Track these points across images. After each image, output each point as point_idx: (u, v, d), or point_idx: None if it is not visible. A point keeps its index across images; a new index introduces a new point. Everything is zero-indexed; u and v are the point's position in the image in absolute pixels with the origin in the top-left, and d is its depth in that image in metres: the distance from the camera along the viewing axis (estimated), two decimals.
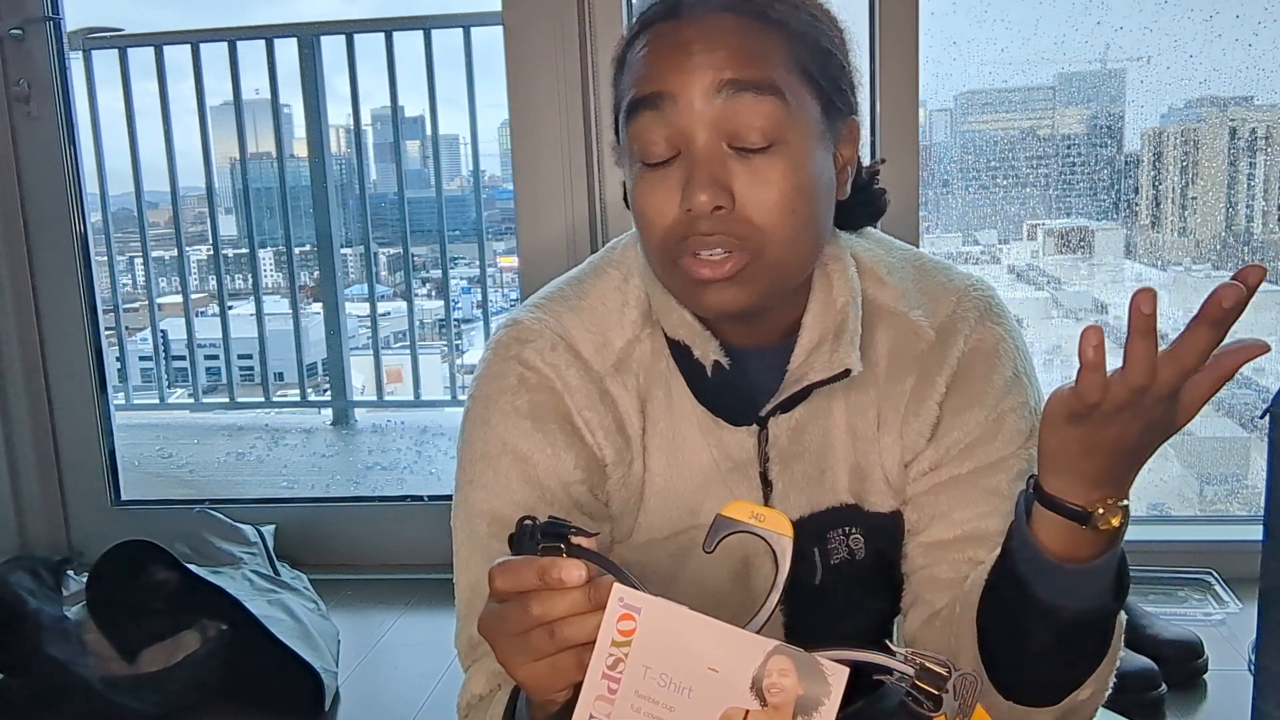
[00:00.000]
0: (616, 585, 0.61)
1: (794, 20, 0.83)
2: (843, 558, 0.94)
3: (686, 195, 0.79)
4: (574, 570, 0.62)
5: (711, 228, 0.79)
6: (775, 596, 0.62)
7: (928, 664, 0.62)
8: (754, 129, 0.79)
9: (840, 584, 0.94)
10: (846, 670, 0.59)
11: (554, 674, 0.64)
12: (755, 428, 0.91)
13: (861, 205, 0.94)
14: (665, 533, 0.92)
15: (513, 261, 3.00)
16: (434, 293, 3.53)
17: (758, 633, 0.61)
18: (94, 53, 2.81)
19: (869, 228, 1.00)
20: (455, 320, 3.36)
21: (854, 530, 0.94)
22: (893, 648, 0.62)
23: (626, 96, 0.83)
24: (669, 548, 0.92)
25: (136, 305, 3.46)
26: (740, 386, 0.91)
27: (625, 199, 0.93)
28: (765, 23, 0.81)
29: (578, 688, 0.62)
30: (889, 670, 0.62)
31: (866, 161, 0.96)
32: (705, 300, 0.83)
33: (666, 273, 0.85)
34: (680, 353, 0.91)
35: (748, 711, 0.59)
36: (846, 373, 0.89)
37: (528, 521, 0.66)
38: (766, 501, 0.92)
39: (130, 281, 3.54)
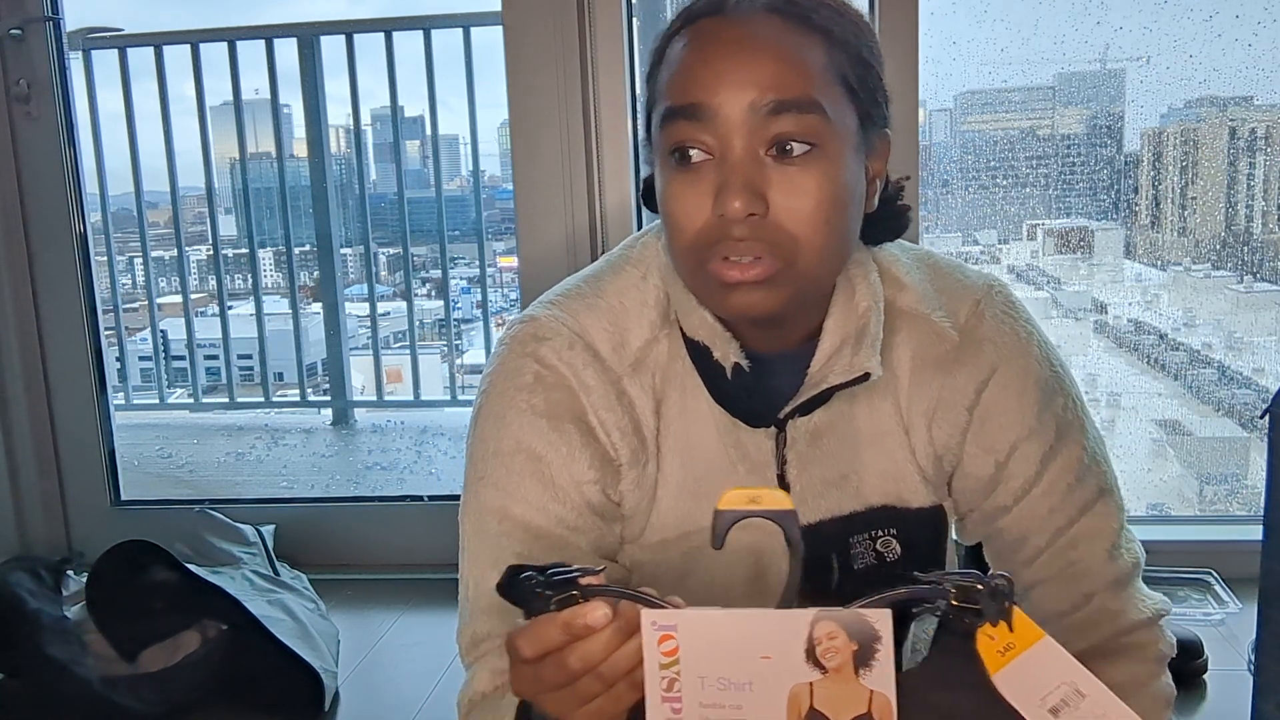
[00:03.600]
0: (645, 611, 0.61)
1: (837, 28, 0.82)
2: (868, 563, 0.94)
3: (720, 200, 0.78)
4: (597, 612, 0.61)
5: (744, 234, 0.78)
6: (797, 569, 0.63)
7: (959, 582, 0.63)
8: (793, 140, 0.78)
9: (862, 589, 0.94)
10: (889, 611, 0.60)
11: (613, 706, 0.64)
12: (773, 430, 0.91)
13: (885, 219, 0.93)
14: (677, 533, 0.92)
15: (512, 261, 3.00)
16: (434, 293, 3.52)
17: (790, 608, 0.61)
18: (94, 53, 2.81)
19: None
20: (455, 320, 3.35)
21: (886, 532, 0.94)
22: (920, 576, 0.63)
23: (663, 100, 0.82)
24: (681, 547, 0.92)
25: (136, 305, 3.45)
26: (759, 389, 0.90)
27: (642, 196, 0.92)
28: (809, 28, 0.80)
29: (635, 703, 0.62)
30: (927, 602, 0.63)
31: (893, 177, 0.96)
32: (731, 302, 0.82)
33: (693, 275, 0.84)
34: (699, 354, 0.91)
35: (812, 683, 0.60)
36: (866, 376, 0.88)
37: (527, 577, 0.64)
38: None
39: (130, 281, 3.53)
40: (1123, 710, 0.62)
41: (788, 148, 0.78)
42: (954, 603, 0.62)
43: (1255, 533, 1.13)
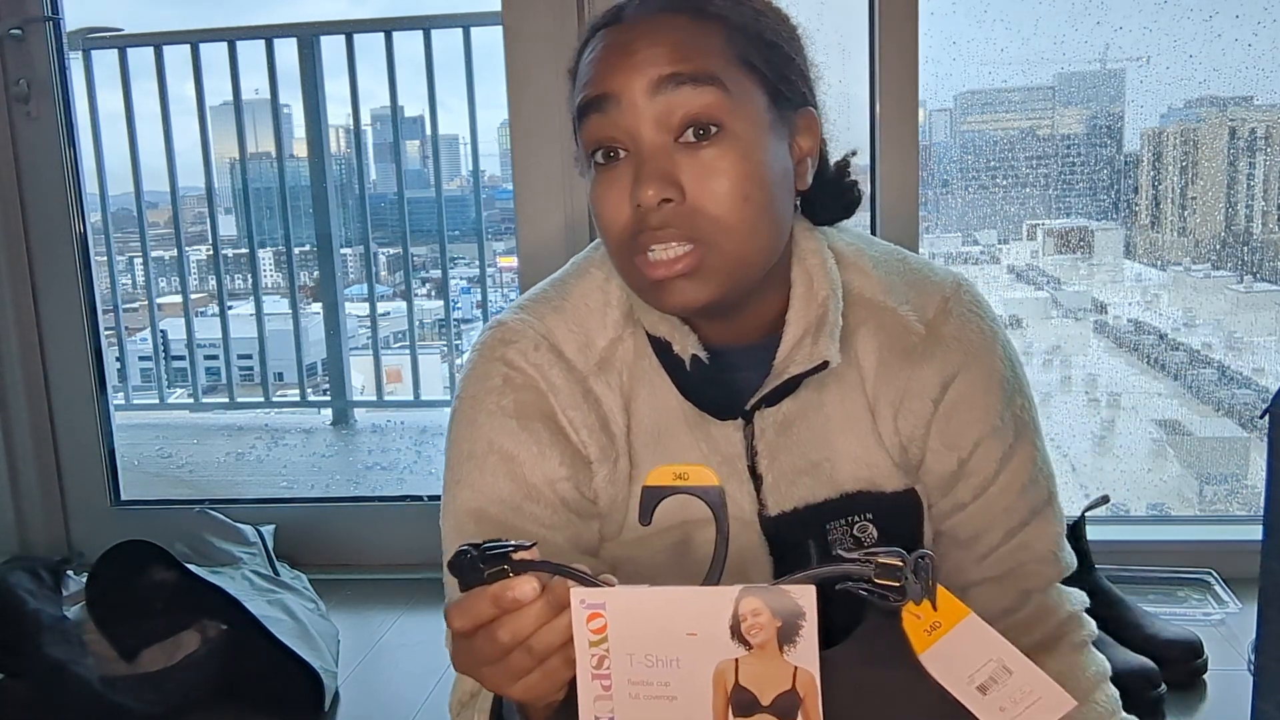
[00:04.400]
0: (574, 589, 0.62)
1: (734, 14, 0.84)
2: (847, 548, 0.95)
3: (635, 191, 0.80)
4: (525, 586, 0.62)
5: (662, 221, 0.80)
6: (722, 546, 0.64)
7: (881, 559, 0.63)
8: (697, 120, 0.80)
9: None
10: (813, 588, 0.60)
11: (547, 681, 0.65)
12: (741, 422, 0.92)
13: (833, 198, 0.95)
14: (654, 529, 0.93)
15: (512, 261, 3.00)
16: (434, 293, 3.52)
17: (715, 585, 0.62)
18: (94, 53, 2.81)
19: (847, 225, 1.01)
20: (455, 320, 3.35)
21: (862, 517, 0.95)
22: (845, 555, 0.63)
23: (576, 101, 0.85)
24: (659, 544, 0.93)
25: (136, 305, 3.45)
26: (724, 382, 0.92)
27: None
28: (704, 18, 0.83)
29: (572, 680, 0.62)
30: (850, 579, 0.63)
31: (838, 155, 0.97)
32: (666, 299, 0.83)
33: (626, 273, 0.86)
34: (662, 349, 0.92)
35: (738, 660, 0.61)
36: (825, 364, 0.90)
37: (465, 551, 0.65)
38: (758, 495, 0.93)
39: (130, 281, 3.53)
40: (1049, 685, 0.62)
41: (698, 132, 0.80)
42: (876, 580, 0.63)
43: (1255, 533, 1.13)
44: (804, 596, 0.60)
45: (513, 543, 0.65)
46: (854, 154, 0.97)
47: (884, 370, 0.94)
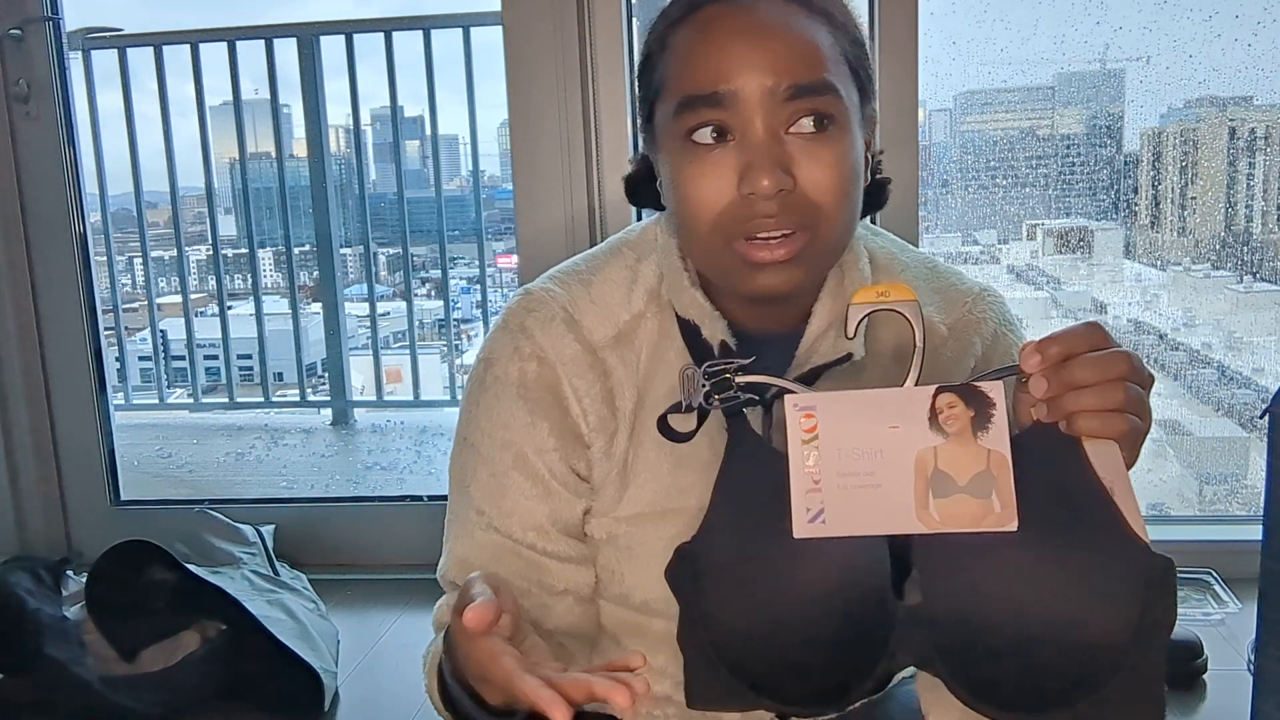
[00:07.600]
0: (788, 396, 0.71)
1: (836, 10, 0.86)
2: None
3: (748, 179, 0.80)
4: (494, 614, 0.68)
5: (772, 210, 0.81)
6: (922, 349, 0.72)
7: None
8: (811, 119, 0.82)
9: None
10: (1000, 384, 0.69)
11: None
12: (760, 410, 0.92)
13: (869, 193, 0.96)
14: (656, 509, 0.93)
15: (512, 261, 3.00)
16: (433, 293, 3.53)
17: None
18: (93, 53, 2.82)
19: (881, 229, 1.03)
20: (454, 320, 3.36)
21: None
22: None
23: (675, 89, 0.84)
24: (660, 526, 0.93)
25: (136, 305, 3.45)
26: (746, 370, 0.92)
27: (628, 192, 0.96)
28: (812, 12, 0.84)
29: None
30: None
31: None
32: (758, 282, 0.84)
33: (717, 255, 0.86)
34: (689, 333, 0.93)
35: (936, 448, 0.69)
36: (849, 357, 0.90)
37: (688, 372, 0.76)
38: None
39: (130, 282, 3.54)
40: (1136, 519, 0.69)
41: (808, 123, 0.82)
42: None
43: (1255, 533, 1.13)
44: (994, 389, 0.69)
45: (736, 361, 0.77)
46: (882, 152, 0.98)
47: (904, 368, 0.94)
